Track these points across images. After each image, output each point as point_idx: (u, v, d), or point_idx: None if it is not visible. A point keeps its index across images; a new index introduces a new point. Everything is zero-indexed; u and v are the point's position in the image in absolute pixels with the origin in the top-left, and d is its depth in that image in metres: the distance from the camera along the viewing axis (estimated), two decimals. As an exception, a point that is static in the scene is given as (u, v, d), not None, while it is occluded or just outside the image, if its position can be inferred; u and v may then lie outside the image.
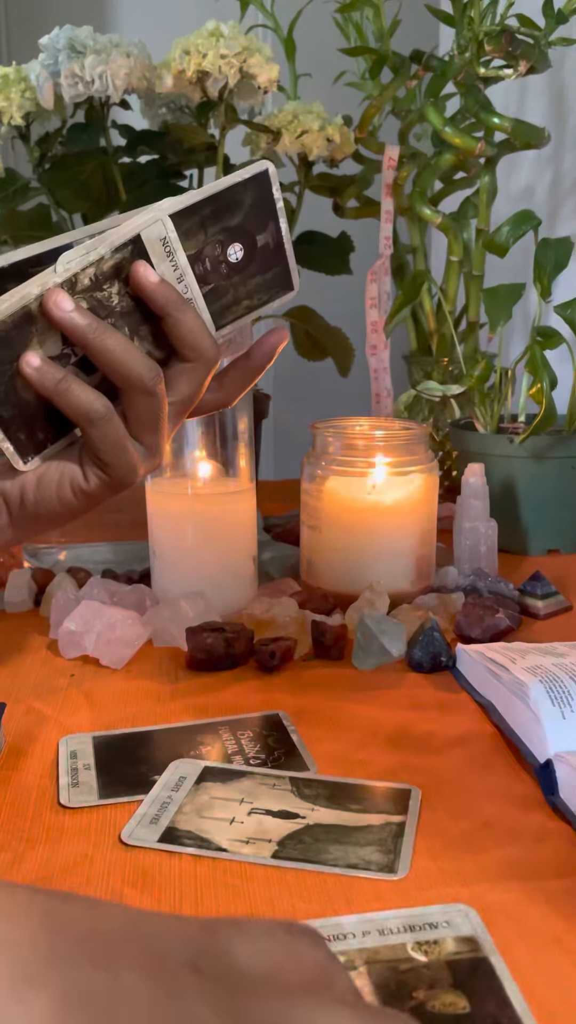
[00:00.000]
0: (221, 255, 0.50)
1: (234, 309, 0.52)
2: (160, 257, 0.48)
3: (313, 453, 0.78)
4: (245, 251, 0.51)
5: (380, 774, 0.52)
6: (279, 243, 0.52)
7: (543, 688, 0.52)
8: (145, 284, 0.48)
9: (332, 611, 0.73)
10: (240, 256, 0.51)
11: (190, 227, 0.49)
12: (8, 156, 1.16)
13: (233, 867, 0.44)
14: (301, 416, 1.01)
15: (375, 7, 1.07)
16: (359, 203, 1.19)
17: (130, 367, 0.48)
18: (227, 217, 0.50)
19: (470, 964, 0.36)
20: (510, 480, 0.91)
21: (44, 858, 0.45)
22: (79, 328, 0.47)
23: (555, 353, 0.88)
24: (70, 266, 0.47)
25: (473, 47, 0.96)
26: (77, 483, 0.50)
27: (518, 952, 0.37)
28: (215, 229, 0.50)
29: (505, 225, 0.95)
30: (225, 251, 0.50)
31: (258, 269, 0.52)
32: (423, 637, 0.65)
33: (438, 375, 1.06)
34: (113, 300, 0.48)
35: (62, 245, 0.51)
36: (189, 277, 0.50)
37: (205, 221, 0.49)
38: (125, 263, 0.48)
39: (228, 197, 0.49)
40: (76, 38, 0.97)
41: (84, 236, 0.50)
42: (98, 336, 0.47)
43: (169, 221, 0.48)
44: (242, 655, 0.66)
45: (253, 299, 0.53)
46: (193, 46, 0.98)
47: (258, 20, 1.15)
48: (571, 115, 1.23)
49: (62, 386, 0.48)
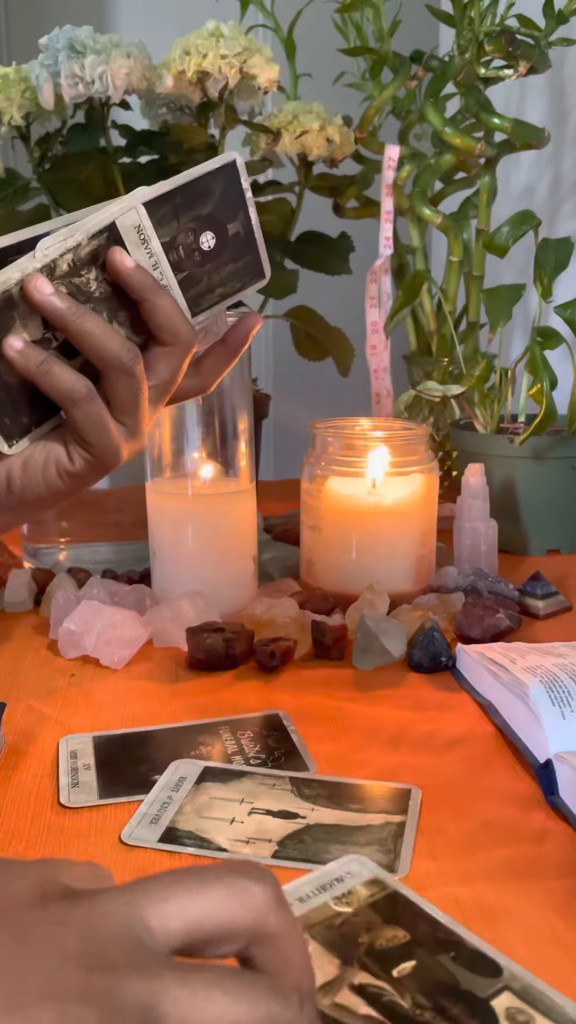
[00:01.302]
0: (194, 243, 0.52)
1: (208, 296, 0.54)
2: (135, 244, 0.50)
3: (313, 453, 0.78)
4: (217, 239, 0.52)
5: (380, 774, 0.52)
6: (249, 231, 0.54)
7: (543, 688, 0.52)
8: (121, 269, 0.49)
9: (332, 611, 0.73)
10: (212, 244, 0.52)
11: (163, 215, 0.50)
12: (8, 156, 1.16)
13: (233, 867, 0.44)
14: (301, 416, 1.01)
15: (375, 7, 1.07)
16: (359, 203, 1.19)
17: (109, 348, 0.49)
18: (198, 206, 0.51)
19: (387, 900, 0.40)
20: (510, 480, 0.91)
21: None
22: (59, 311, 0.48)
23: (555, 353, 0.88)
24: (48, 252, 0.47)
25: (473, 47, 0.96)
26: (63, 464, 0.52)
27: (518, 951, 0.37)
28: (187, 218, 0.51)
29: (505, 225, 0.95)
30: (198, 239, 0.52)
31: (230, 257, 0.53)
32: (423, 637, 0.65)
33: (438, 375, 1.06)
34: (91, 286, 0.49)
35: (41, 233, 0.51)
36: (164, 264, 0.51)
37: (177, 210, 0.50)
38: (101, 250, 0.49)
39: (199, 186, 0.51)
40: (76, 38, 0.97)
41: (62, 225, 0.51)
42: (78, 318, 0.48)
43: (143, 209, 0.49)
44: (242, 655, 0.66)
45: (227, 287, 0.54)
46: (193, 46, 0.98)
47: (258, 20, 1.15)
48: (571, 115, 1.23)
49: (44, 367, 0.49)
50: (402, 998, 0.35)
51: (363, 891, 0.41)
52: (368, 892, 0.41)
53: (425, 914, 0.39)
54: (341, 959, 0.37)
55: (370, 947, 0.37)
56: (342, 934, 0.38)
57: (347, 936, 0.38)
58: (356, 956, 0.37)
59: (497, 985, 0.35)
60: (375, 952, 0.37)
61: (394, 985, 0.35)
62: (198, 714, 0.59)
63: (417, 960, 0.37)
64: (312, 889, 0.41)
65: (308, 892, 0.41)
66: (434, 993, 0.35)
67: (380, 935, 0.38)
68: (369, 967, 0.36)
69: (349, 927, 0.39)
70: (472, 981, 0.35)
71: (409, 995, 0.35)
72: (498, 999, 0.35)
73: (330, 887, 0.41)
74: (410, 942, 0.38)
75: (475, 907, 0.40)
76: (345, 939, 0.38)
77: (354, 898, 0.40)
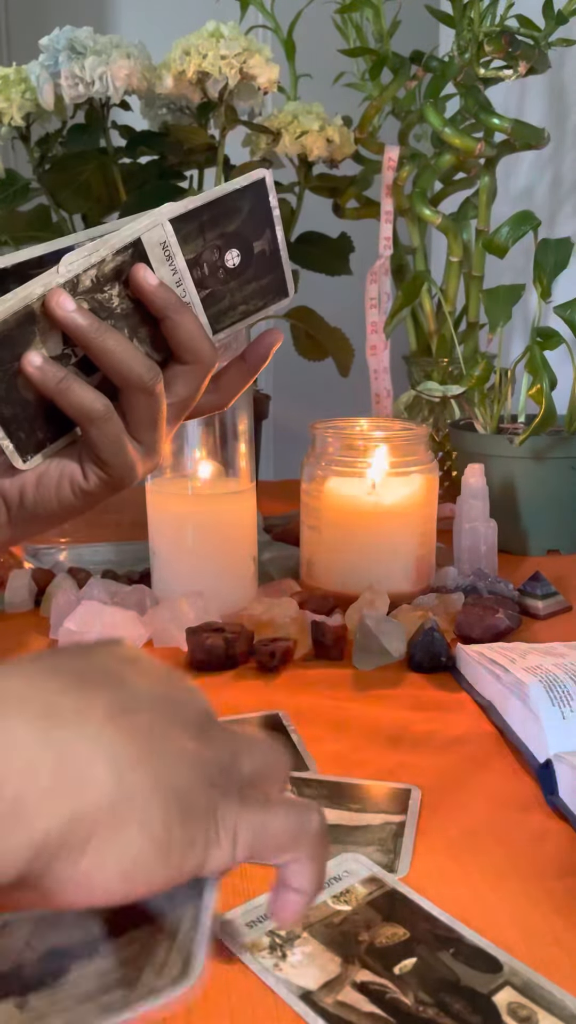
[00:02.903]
0: (219, 260, 0.51)
1: (231, 314, 0.53)
2: (160, 261, 0.49)
3: (313, 453, 0.78)
4: (242, 257, 0.52)
5: (380, 774, 0.52)
6: (275, 250, 0.53)
7: (543, 688, 0.52)
8: (145, 286, 0.49)
9: (332, 611, 0.73)
10: (237, 262, 0.51)
11: (189, 232, 0.49)
12: (8, 157, 1.16)
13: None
14: (301, 416, 1.01)
15: (375, 8, 1.07)
16: (359, 203, 1.19)
17: (130, 367, 0.49)
18: (225, 223, 0.50)
19: (386, 898, 0.41)
20: (510, 480, 0.91)
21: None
22: (80, 328, 0.47)
23: (555, 354, 0.88)
24: (72, 267, 0.47)
25: (473, 48, 0.96)
26: (77, 482, 0.51)
27: (519, 951, 0.37)
28: (213, 235, 0.50)
29: (505, 226, 0.95)
30: (223, 256, 0.51)
31: (255, 275, 0.53)
32: (423, 637, 0.65)
33: (438, 375, 1.07)
34: (113, 302, 0.49)
35: (64, 247, 0.51)
36: (187, 281, 0.50)
37: (203, 226, 0.50)
38: (125, 266, 0.48)
39: (226, 203, 0.50)
40: (76, 39, 0.98)
41: (85, 239, 0.51)
42: (99, 336, 0.48)
43: (169, 225, 0.48)
44: (242, 655, 0.66)
45: (249, 304, 0.54)
46: (193, 47, 0.98)
47: (258, 21, 1.15)
48: (571, 116, 1.23)
49: (63, 385, 0.48)
50: (404, 995, 0.35)
51: (361, 889, 0.41)
52: (366, 890, 0.41)
53: (424, 911, 0.40)
54: (342, 957, 0.37)
55: (371, 945, 0.38)
56: (342, 932, 0.38)
57: (347, 934, 0.38)
58: (357, 954, 0.37)
59: (498, 981, 0.35)
60: (376, 950, 0.37)
61: (396, 982, 0.35)
62: (198, 714, 0.59)
63: (418, 957, 0.37)
64: None
65: None
66: (436, 990, 0.35)
67: (380, 933, 0.38)
68: (370, 965, 0.36)
69: (349, 925, 0.39)
70: (473, 977, 0.36)
71: (411, 992, 0.35)
72: (499, 995, 0.35)
73: (328, 886, 0.41)
74: (410, 939, 0.38)
75: (475, 907, 0.40)
76: (345, 937, 0.38)
77: (352, 896, 0.41)
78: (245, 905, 0.40)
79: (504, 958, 0.37)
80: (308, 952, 0.37)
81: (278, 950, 0.37)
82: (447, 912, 0.39)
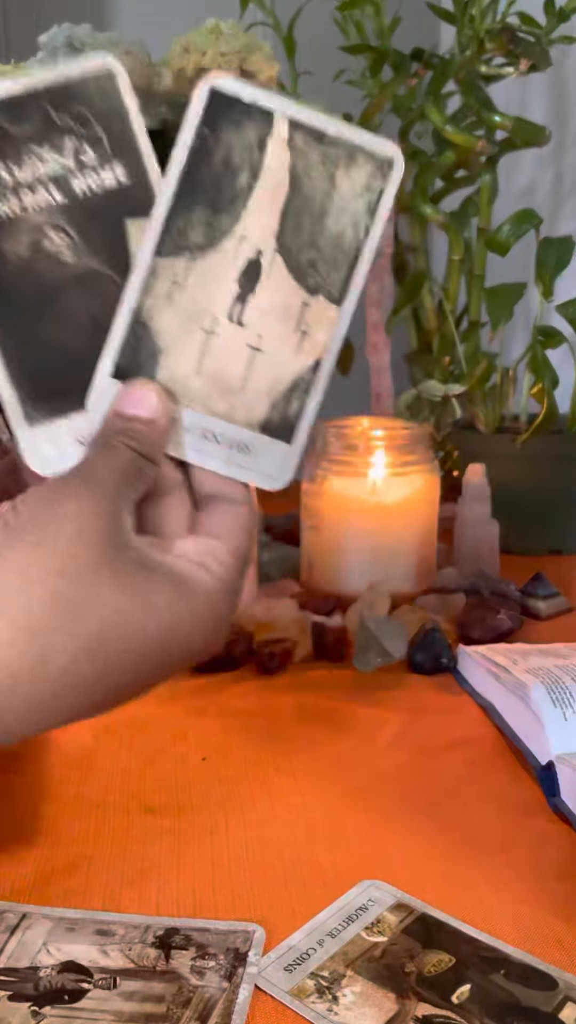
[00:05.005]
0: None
1: None
2: None
3: (313, 453, 0.78)
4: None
5: (380, 775, 0.52)
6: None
7: (544, 689, 0.52)
8: None
9: (332, 612, 0.72)
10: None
11: None
12: (7, 155, 1.16)
13: (233, 870, 0.43)
14: (301, 416, 1.00)
15: (375, 5, 1.07)
16: (360, 202, 1.18)
17: None
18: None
19: (420, 924, 0.39)
20: (511, 480, 0.91)
21: (44, 858, 0.44)
22: None
23: (556, 353, 0.88)
24: None
25: (474, 45, 0.96)
26: None
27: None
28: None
29: (506, 224, 0.95)
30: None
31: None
32: (424, 638, 0.65)
33: (439, 375, 1.06)
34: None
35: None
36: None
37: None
38: None
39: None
40: (75, 36, 0.97)
41: None
42: None
43: None
44: (242, 656, 0.66)
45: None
46: (192, 44, 0.97)
47: (258, 18, 1.15)
48: (573, 113, 1.23)
49: None
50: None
51: (392, 917, 0.40)
52: (397, 918, 0.40)
53: (463, 934, 0.39)
54: (396, 992, 0.36)
55: (420, 975, 0.36)
56: (386, 966, 0.37)
57: (392, 967, 0.37)
58: (409, 986, 0.36)
59: (558, 998, 0.35)
60: (427, 980, 0.36)
61: (457, 1012, 0.34)
62: (197, 716, 0.59)
63: (471, 983, 0.36)
64: (339, 922, 0.39)
65: (336, 926, 0.39)
66: (500, 1014, 0.34)
67: (426, 961, 0.37)
68: (426, 997, 0.35)
69: (391, 957, 0.37)
70: (532, 997, 0.35)
71: (476, 1020, 0.34)
72: (564, 1011, 0.34)
73: (356, 917, 0.40)
74: (457, 964, 0.37)
75: (477, 910, 0.40)
76: (391, 971, 0.37)
77: (385, 926, 0.39)
78: (277, 949, 0.38)
79: (556, 974, 0.36)
80: (358, 991, 0.36)
81: (327, 992, 0.36)
82: (452, 916, 0.39)
